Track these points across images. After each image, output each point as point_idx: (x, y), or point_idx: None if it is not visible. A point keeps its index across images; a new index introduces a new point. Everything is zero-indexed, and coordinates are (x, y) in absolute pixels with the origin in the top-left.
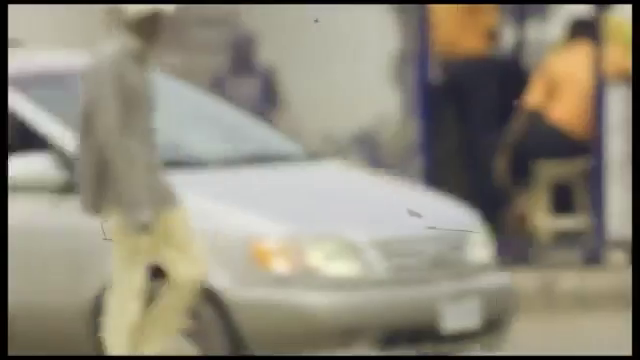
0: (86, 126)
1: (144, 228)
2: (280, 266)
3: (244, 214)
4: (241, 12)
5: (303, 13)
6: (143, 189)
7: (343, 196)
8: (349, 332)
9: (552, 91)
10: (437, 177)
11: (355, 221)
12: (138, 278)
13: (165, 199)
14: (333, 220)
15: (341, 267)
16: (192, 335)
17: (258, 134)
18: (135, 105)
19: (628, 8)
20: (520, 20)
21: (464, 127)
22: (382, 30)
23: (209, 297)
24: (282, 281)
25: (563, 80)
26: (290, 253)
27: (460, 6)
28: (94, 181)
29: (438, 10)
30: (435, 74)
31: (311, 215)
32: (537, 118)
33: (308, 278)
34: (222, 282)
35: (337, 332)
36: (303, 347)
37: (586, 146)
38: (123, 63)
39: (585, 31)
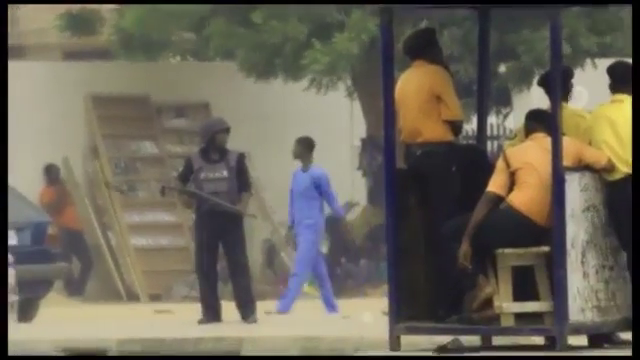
0: None
1: None
2: None
3: None
4: (210, 104)
5: (271, 104)
6: None
7: None
8: None
9: (513, 179)
10: (402, 261)
11: None
12: None
13: None
14: None
15: None
16: None
17: None
18: None
19: (583, 98)
20: (482, 107)
21: (428, 213)
22: (349, 118)
23: None
24: None
25: (523, 169)
26: None
27: (424, 95)
28: None
29: (402, 98)
30: (400, 161)
31: None
32: (499, 205)
33: None
34: None
35: None
36: None
37: (546, 232)
38: None
39: (543, 121)
